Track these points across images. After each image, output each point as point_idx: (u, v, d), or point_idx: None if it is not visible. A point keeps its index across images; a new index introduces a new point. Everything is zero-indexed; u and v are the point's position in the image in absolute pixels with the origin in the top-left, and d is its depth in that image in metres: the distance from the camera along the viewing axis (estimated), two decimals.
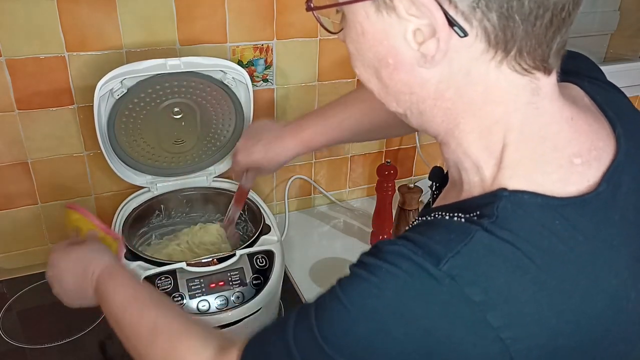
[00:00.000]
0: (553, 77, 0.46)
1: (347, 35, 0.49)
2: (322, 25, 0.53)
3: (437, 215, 0.48)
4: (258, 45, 1.09)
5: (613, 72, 0.84)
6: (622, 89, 0.58)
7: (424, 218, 0.50)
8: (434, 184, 0.63)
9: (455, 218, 0.46)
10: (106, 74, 0.87)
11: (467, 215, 0.45)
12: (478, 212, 0.44)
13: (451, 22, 0.41)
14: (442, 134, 0.49)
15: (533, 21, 0.41)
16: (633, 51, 1.58)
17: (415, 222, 0.53)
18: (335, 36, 0.52)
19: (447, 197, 0.55)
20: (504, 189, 0.45)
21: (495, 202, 0.44)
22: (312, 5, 0.50)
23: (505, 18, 0.40)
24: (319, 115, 0.86)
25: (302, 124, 0.86)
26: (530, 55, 0.43)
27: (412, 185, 1.19)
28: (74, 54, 0.96)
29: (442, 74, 0.45)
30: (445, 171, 0.61)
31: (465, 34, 0.41)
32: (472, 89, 0.45)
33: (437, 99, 0.46)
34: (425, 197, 1.31)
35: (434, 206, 0.55)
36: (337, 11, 0.49)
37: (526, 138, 0.46)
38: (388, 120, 0.79)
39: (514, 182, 0.45)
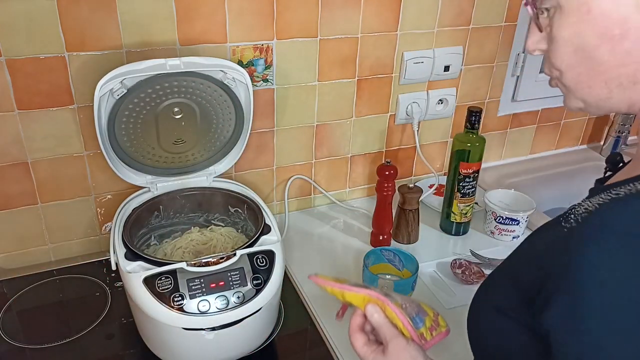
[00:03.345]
0: None
1: (563, 22, 0.53)
2: (535, 21, 0.56)
3: (623, 189, 0.52)
4: (258, 45, 1.09)
5: None
6: None
7: (613, 195, 0.53)
8: (608, 166, 0.66)
9: None
10: (106, 74, 0.87)
11: None
12: None
13: None
14: None
15: None
16: None
17: (600, 201, 0.55)
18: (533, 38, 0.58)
19: (631, 168, 0.59)
20: None
21: None
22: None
23: None
24: None
25: None
26: None
27: (412, 185, 1.19)
28: (74, 54, 0.96)
29: None
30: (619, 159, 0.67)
31: None
32: None
33: None
34: (426, 197, 1.32)
35: (617, 180, 0.57)
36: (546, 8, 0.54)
37: None
38: None
39: None
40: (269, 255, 0.88)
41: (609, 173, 0.65)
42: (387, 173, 1.15)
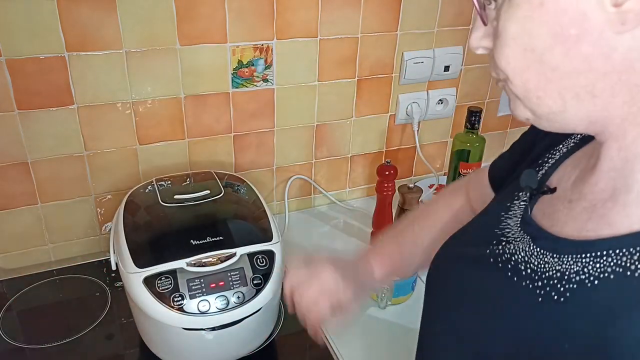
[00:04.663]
0: None
1: (511, 15, 0.43)
2: (480, 12, 0.46)
3: (628, 259, 0.42)
4: (258, 45, 1.09)
5: None
6: None
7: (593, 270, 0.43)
8: (529, 188, 0.55)
9: None
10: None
11: None
12: None
13: None
14: (618, 122, 0.43)
15: None
16: None
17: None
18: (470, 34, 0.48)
19: (599, 213, 0.46)
20: None
21: None
22: None
23: None
24: (393, 234, 0.83)
25: (378, 245, 0.83)
26: None
27: (412, 185, 1.19)
28: (74, 54, 0.96)
29: (634, 39, 0.39)
30: (538, 175, 0.56)
31: None
32: None
33: (624, 73, 0.40)
34: (426, 197, 1.32)
35: (599, 237, 0.45)
36: None
37: None
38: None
39: None
40: (269, 255, 0.88)
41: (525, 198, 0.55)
42: (387, 173, 1.15)
